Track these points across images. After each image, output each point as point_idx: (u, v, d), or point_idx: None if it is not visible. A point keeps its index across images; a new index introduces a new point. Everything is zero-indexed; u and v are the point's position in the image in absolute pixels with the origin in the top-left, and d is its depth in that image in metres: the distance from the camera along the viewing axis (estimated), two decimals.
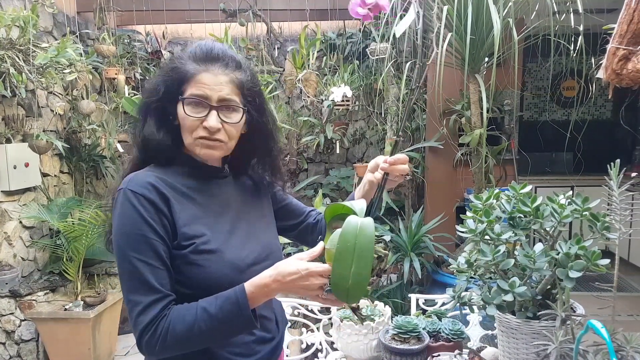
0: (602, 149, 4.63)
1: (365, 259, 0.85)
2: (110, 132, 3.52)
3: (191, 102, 0.99)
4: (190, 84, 0.99)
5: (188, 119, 0.99)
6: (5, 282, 2.80)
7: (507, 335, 1.14)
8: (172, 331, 0.90)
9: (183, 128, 1.02)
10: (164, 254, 0.95)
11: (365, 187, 1.20)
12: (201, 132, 1.00)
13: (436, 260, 3.08)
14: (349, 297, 0.87)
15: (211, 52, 1.01)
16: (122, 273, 0.94)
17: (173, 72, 1.01)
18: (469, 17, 2.11)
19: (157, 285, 0.92)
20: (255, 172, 1.18)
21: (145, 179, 0.98)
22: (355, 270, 0.84)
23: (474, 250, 1.16)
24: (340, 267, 0.85)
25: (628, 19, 1.37)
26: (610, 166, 1.11)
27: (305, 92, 3.48)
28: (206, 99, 0.99)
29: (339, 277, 0.85)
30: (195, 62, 1.01)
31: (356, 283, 0.85)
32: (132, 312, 0.92)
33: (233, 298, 0.92)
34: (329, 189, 3.90)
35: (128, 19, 3.79)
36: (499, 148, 2.88)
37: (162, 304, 0.92)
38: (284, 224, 1.28)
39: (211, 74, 1.00)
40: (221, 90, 1.00)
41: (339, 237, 0.86)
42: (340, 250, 0.85)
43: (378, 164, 1.15)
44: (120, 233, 0.95)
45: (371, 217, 0.90)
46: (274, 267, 0.93)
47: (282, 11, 3.82)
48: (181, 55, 1.03)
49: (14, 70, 2.54)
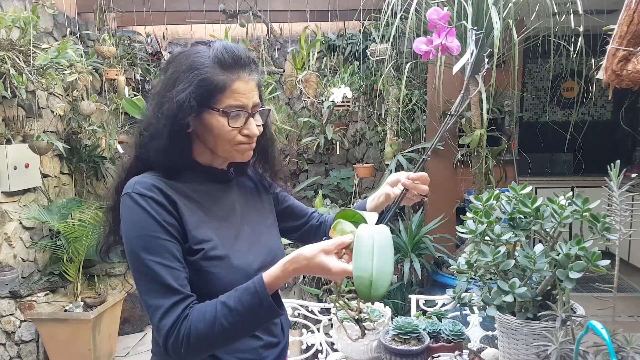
0: (602, 150, 4.62)
1: (386, 253, 0.83)
2: (110, 133, 3.52)
3: (234, 114, 0.97)
4: (225, 94, 0.95)
5: (227, 129, 0.97)
6: (5, 283, 2.80)
7: (507, 336, 1.14)
8: (195, 331, 0.87)
9: (218, 137, 0.98)
10: (180, 255, 0.93)
11: (381, 198, 1.18)
12: (241, 139, 0.99)
13: (436, 261, 3.08)
14: (372, 292, 0.82)
15: (240, 58, 0.97)
16: (138, 278, 0.91)
17: (203, 83, 0.94)
18: (469, 17, 2.12)
19: (176, 286, 0.90)
20: (255, 173, 1.18)
21: (150, 182, 0.96)
22: (378, 265, 0.82)
23: (474, 251, 1.16)
24: (360, 260, 0.82)
25: (628, 20, 1.38)
26: (611, 167, 1.11)
27: (305, 93, 3.48)
28: (244, 108, 0.98)
29: (361, 270, 0.82)
30: (224, 69, 0.96)
31: (379, 277, 0.82)
32: (153, 318, 0.89)
33: (252, 288, 0.88)
34: (329, 189, 3.90)
35: (128, 20, 3.79)
36: (499, 149, 2.88)
37: (184, 305, 0.89)
38: (287, 225, 1.27)
39: (243, 81, 0.97)
40: (253, 96, 0.99)
41: (355, 243, 0.85)
42: (359, 250, 0.84)
43: (399, 179, 1.13)
44: (132, 237, 0.92)
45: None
46: (295, 250, 0.90)
47: (283, 12, 3.82)
48: (203, 62, 0.95)
49: (15, 71, 2.54)
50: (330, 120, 3.60)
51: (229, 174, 1.11)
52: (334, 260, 0.86)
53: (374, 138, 4.07)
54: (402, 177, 1.12)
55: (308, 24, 3.64)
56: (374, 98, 3.67)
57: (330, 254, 0.87)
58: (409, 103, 3.48)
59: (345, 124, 3.72)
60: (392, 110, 3.44)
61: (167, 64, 1.02)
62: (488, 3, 2.09)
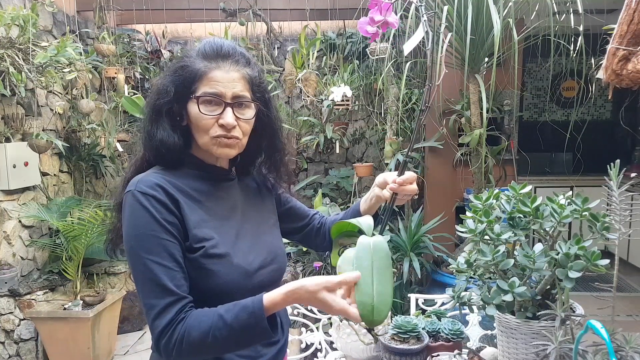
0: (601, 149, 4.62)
1: (385, 276, 0.86)
2: (109, 132, 3.52)
3: (205, 100, 0.97)
4: (203, 82, 0.97)
5: (203, 117, 0.97)
6: (4, 282, 2.80)
7: (506, 335, 1.14)
8: (188, 337, 0.88)
9: (197, 128, 0.99)
10: (179, 255, 0.93)
11: (372, 200, 1.19)
12: (218, 131, 0.98)
13: (436, 260, 3.08)
14: (375, 316, 0.86)
15: (221, 49, 0.99)
16: (136, 276, 0.92)
17: (182, 70, 0.98)
18: (469, 17, 2.11)
19: (172, 287, 0.90)
20: (259, 173, 1.17)
21: (153, 180, 0.96)
22: (378, 289, 0.85)
23: (473, 250, 1.16)
24: (362, 285, 0.86)
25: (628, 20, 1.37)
26: (610, 166, 1.11)
27: (305, 92, 3.48)
28: (220, 96, 0.97)
29: (363, 295, 0.85)
30: (205, 59, 0.98)
31: (381, 301, 0.85)
32: (148, 316, 0.90)
33: (250, 308, 0.89)
34: (329, 188, 3.90)
35: (128, 18, 3.79)
36: (498, 148, 2.88)
37: (179, 307, 0.90)
38: (289, 226, 1.27)
39: (223, 70, 0.98)
40: (234, 87, 0.98)
41: (354, 259, 0.87)
42: (359, 270, 0.86)
43: (386, 181, 1.13)
44: (132, 235, 0.93)
45: (380, 236, 0.92)
46: (299, 281, 0.91)
47: (282, 11, 3.81)
48: (189, 54, 1.00)
49: (14, 69, 2.53)
50: (330, 119, 3.60)
51: (230, 174, 1.11)
52: (335, 298, 0.87)
53: (374, 137, 4.07)
54: (389, 179, 1.13)
55: (308, 22, 3.64)
56: (374, 97, 3.67)
57: (332, 291, 0.87)
58: (408, 102, 3.48)
59: (345, 123, 3.72)
60: (391, 109, 3.44)
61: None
62: (488, 2, 2.08)
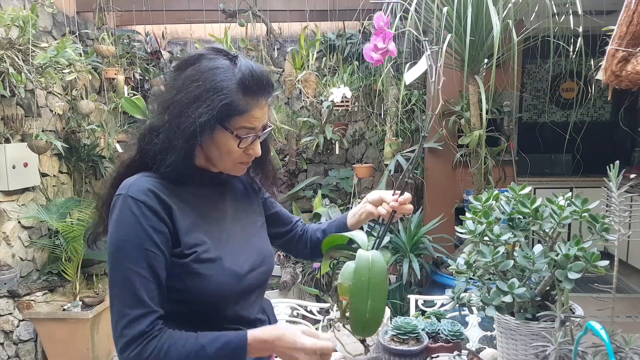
0: (601, 151, 4.63)
1: (380, 292, 0.88)
2: (109, 132, 3.52)
3: (244, 138, 0.99)
4: (243, 117, 0.97)
5: (235, 149, 0.99)
6: (3, 282, 2.80)
7: (506, 336, 1.14)
8: (166, 356, 0.89)
9: (221, 154, 1.00)
10: (159, 267, 0.93)
11: (362, 216, 1.20)
12: (244, 158, 1.02)
13: (435, 261, 3.08)
14: (365, 330, 0.89)
15: (263, 85, 0.99)
16: (112, 281, 0.92)
17: (225, 107, 0.94)
18: (468, 18, 2.12)
19: (146, 299, 0.90)
20: (246, 176, 1.18)
21: (146, 184, 0.95)
22: (372, 305, 0.87)
23: (473, 251, 1.16)
24: (357, 301, 0.87)
25: (627, 21, 1.38)
26: (610, 167, 1.11)
27: (304, 93, 3.48)
28: (255, 130, 1.00)
29: (356, 312, 0.87)
30: (246, 95, 0.96)
31: (373, 317, 0.88)
32: (117, 323, 0.90)
33: (233, 344, 0.91)
34: (328, 189, 3.90)
35: (127, 19, 3.78)
36: (498, 149, 2.88)
37: (150, 319, 0.90)
38: (273, 231, 1.28)
39: (260, 106, 0.99)
40: (265, 119, 1.02)
41: (353, 273, 0.88)
42: (356, 285, 0.87)
43: (382, 199, 1.15)
44: (117, 240, 0.92)
45: (377, 251, 0.94)
46: (281, 329, 0.94)
47: (282, 12, 3.81)
48: (228, 85, 0.94)
49: (13, 70, 2.53)
50: (330, 120, 3.60)
51: (221, 176, 1.11)
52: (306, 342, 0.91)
53: (373, 138, 4.07)
54: (386, 198, 1.14)
55: (307, 23, 3.64)
56: (374, 98, 3.67)
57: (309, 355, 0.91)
58: (408, 103, 3.49)
59: (345, 123, 3.72)
60: (391, 110, 3.44)
61: (184, 65, 0.99)
62: (488, 3, 2.09)
